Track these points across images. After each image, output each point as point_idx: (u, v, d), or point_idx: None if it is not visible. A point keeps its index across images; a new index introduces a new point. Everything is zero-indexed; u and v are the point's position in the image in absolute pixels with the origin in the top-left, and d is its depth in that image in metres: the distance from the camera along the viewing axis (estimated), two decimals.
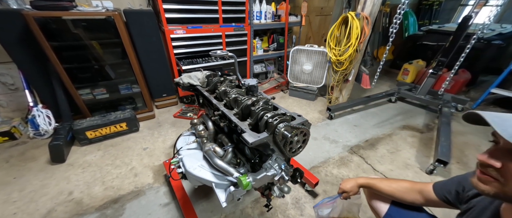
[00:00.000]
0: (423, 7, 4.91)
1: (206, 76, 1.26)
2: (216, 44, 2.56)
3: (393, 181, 0.91)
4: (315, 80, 2.81)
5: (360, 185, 0.97)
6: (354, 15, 2.07)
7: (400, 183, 0.88)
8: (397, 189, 0.87)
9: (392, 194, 0.88)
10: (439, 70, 2.43)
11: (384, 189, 0.90)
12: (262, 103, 0.90)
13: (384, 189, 0.90)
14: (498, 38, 2.97)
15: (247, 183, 0.78)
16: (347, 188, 0.98)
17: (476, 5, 2.04)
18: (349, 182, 0.99)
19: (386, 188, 0.89)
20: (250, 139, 0.74)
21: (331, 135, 2.21)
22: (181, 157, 1.04)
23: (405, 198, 0.85)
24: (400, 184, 0.88)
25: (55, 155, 1.72)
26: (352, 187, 0.97)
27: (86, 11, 1.72)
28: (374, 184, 0.93)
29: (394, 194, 0.87)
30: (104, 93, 2.17)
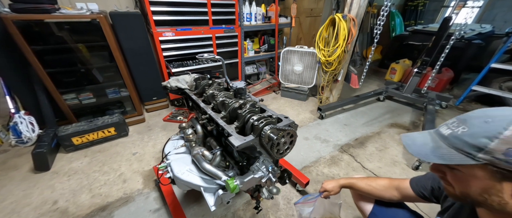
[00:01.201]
0: (409, 8, 5.08)
1: (195, 79, 1.25)
2: (206, 46, 2.55)
3: (372, 179, 0.94)
4: (306, 81, 2.85)
5: (341, 185, 0.99)
6: (341, 17, 2.11)
7: (378, 181, 0.91)
8: (375, 187, 0.90)
9: (371, 193, 0.91)
10: (423, 69, 2.52)
11: (364, 188, 0.93)
12: (249, 106, 0.91)
13: (364, 188, 0.93)
14: (478, 38, 3.12)
15: (235, 186, 0.78)
16: (329, 188, 1.00)
17: (455, 6, 2.13)
18: (331, 182, 1.01)
19: (366, 187, 0.92)
20: (236, 142, 0.74)
21: (322, 134, 2.24)
22: (169, 162, 1.02)
23: (383, 195, 0.88)
24: (378, 182, 0.91)
25: (38, 163, 1.66)
26: (333, 187, 0.99)
27: (69, 14, 1.68)
28: (354, 184, 0.96)
29: (373, 192, 0.90)
30: (90, 97, 2.11)
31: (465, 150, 0.43)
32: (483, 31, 3.32)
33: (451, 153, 0.44)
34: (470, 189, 0.46)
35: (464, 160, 0.42)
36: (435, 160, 0.46)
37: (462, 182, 0.47)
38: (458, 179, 0.48)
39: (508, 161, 0.39)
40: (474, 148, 0.42)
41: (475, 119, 0.44)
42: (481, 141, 0.41)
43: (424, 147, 0.49)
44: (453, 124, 0.47)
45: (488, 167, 0.41)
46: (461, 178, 0.47)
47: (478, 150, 0.41)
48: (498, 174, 0.41)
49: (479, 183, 0.44)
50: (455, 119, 0.48)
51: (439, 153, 0.46)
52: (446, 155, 0.45)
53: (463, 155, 0.43)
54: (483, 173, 0.42)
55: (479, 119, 0.43)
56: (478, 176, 0.43)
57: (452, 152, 0.44)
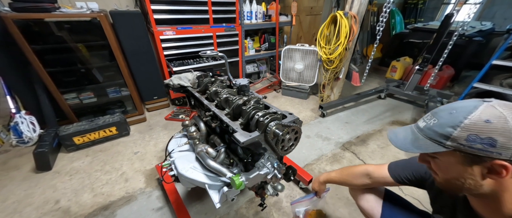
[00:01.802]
0: (409, 6, 5.08)
1: (197, 77, 1.24)
2: (207, 45, 2.54)
3: (345, 169, 0.99)
4: (307, 79, 2.84)
5: (322, 181, 1.03)
6: (342, 14, 2.11)
7: (350, 170, 0.96)
8: (348, 178, 0.95)
9: (345, 182, 0.97)
10: (425, 66, 2.52)
11: (339, 180, 0.98)
12: (253, 102, 0.90)
13: (339, 180, 0.98)
14: (478, 35, 3.11)
15: (240, 182, 0.78)
16: (316, 188, 1.05)
17: (456, 3, 2.13)
18: (314, 183, 1.07)
19: (340, 178, 0.98)
20: (241, 139, 0.74)
21: (324, 132, 2.24)
22: (173, 160, 1.02)
23: (355, 182, 0.93)
24: (350, 171, 0.96)
25: (40, 162, 1.65)
26: (318, 186, 1.04)
27: (69, 13, 1.67)
28: (331, 177, 1.01)
29: (346, 181, 0.96)
30: (91, 97, 2.11)
31: (436, 139, 0.48)
32: (484, 28, 3.32)
33: (427, 143, 0.50)
34: (449, 174, 0.51)
35: (437, 148, 0.48)
36: (414, 150, 0.52)
37: (442, 169, 0.52)
38: (439, 166, 0.53)
39: (471, 146, 0.44)
40: (442, 136, 0.47)
41: (443, 112, 0.50)
42: (447, 130, 0.46)
43: (405, 140, 0.54)
44: (427, 117, 0.53)
45: (456, 153, 0.46)
46: (441, 165, 0.52)
47: (446, 138, 0.46)
48: (466, 159, 0.46)
49: (454, 168, 0.49)
50: (429, 113, 0.54)
51: (417, 144, 0.51)
52: (423, 145, 0.50)
53: (436, 143, 0.48)
54: (454, 158, 0.48)
55: (445, 111, 0.49)
56: (452, 162, 0.49)
57: (427, 142, 0.50)
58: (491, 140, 0.42)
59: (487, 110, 0.43)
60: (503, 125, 0.41)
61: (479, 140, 0.43)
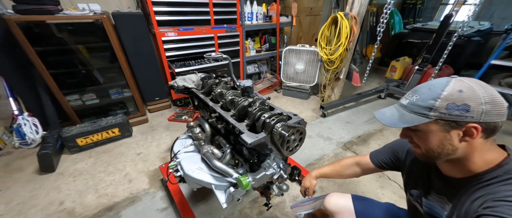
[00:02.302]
0: (408, 6, 5.11)
1: (201, 78, 1.25)
2: (208, 46, 2.55)
3: (336, 163, 1.05)
4: (308, 79, 2.86)
5: (315, 177, 1.07)
6: (343, 15, 2.13)
7: (341, 162, 1.03)
8: (339, 169, 1.01)
9: (338, 174, 1.02)
10: (424, 66, 2.54)
11: (331, 174, 1.04)
12: (259, 103, 0.91)
13: (331, 174, 1.04)
14: (477, 35, 3.15)
15: (247, 183, 0.79)
16: (307, 185, 1.06)
17: (456, 3, 2.16)
18: (306, 180, 1.07)
19: (332, 172, 1.03)
20: (248, 140, 0.75)
21: (325, 132, 2.26)
22: (179, 161, 1.03)
23: (346, 173, 1.01)
24: (341, 163, 1.02)
25: (44, 164, 1.65)
26: (310, 182, 1.06)
27: (72, 15, 1.67)
28: (324, 172, 1.05)
29: (338, 172, 1.02)
30: (93, 98, 2.11)
31: (420, 112, 0.55)
32: (482, 28, 3.35)
33: (412, 117, 0.56)
34: (431, 144, 0.57)
35: (422, 119, 0.54)
36: (402, 125, 0.58)
37: (425, 140, 0.58)
38: (421, 138, 0.59)
39: (450, 113, 0.51)
40: (426, 109, 0.54)
41: (422, 88, 0.57)
42: (429, 102, 0.53)
43: (392, 117, 0.61)
44: (409, 95, 0.60)
45: (438, 121, 0.53)
46: (423, 136, 0.58)
47: (429, 110, 0.53)
48: (446, 126, 0.53)
49: (436, 137, 0.55)
50: (409, 92, 0.60)
51: (404, 119, 0.58)
52: (409, 120, 0.56)
53: (420, 116, 0.55)
54: (437, 127, 0.54)
55: (425, 88, 0.56)
56: (434, 130, 0.55)
57: (412, 116, 0.56)
58: (465, 106, 0.50)
59: (458, 83, 0.52)
60: (472, 93, 0.50)
61: (456, 107, 0.51)
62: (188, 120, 2.38)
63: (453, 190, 0.62)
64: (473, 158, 0.56)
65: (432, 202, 0.69)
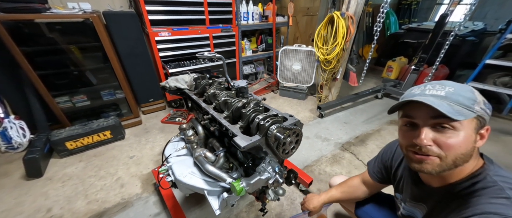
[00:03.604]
0: (403, 6, 5.14)
1: (194, 79, 1.21)
2: (203, 46, 2.51)
3: (344, 185, 0.94)
4: (305, 80, 2.84)
5: (323, 202, 0.95)
6: (339, 14, 2.11)
7: (348, 183, 0.93)
8: (349, 190, 0.92)
9: (349, 198, 0.92)
10: (421, 66, 2.54)
11: (342, 197, 0.93)
12: (253, 104, 0.88)
13: (342, 197, 0.93)
14: (471, 35, 3.17)
15: (241, 188, 0.75)
16: (311, 208, 0.94)
17: (451, 3, 2.16)
18: (312, 201, 0.95)
19: (343, 196, 0.93)
20: (242, 143, 0.71)
21: (323, 133, 2.23)
22: (170, 165, 0.98)
23: (357, 195, 0.90)
24: (349, 184, 0.93)
25: (31, 169, 1.58)
26: (314, 207, 0.94)
27: (60, 14, 1.61)
28: (333, 197, 0.94)
29: (349, 196, 0.92)
30: (84, 100, 2.04)
31: (466, 104, 0.46)
32: (476, 28, 3.38)
33: (461, 109, 0.45)
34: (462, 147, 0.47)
35: (469, 114, 0.45)
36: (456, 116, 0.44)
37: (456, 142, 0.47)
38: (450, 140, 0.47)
39: (485, 110, 0.47)
40: (470, 100, 0.46)
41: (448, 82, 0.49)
42: (470, 95, 0.46)
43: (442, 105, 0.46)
44: (436, 87, 0.49)
45: (475, 119, 0.47)
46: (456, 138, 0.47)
47: (474, 102, 0.46)
48: (478, 125, 0.47)
49: (470, 138, 0.47)
50: (432, 83, 0.51)
51: (456, 110, 0.45)
52: (460, 111, 0.45)
53: (467, 110, 0.45)
54: (474, 125, 0.47)
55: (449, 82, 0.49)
56: (471, 129, 0.47)
57: (460, 108, 0.46)
58: (489, 105, 0.47)
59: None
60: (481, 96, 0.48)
61: (488, 105, 0.47)
62: (182, 122, 2.32)
63: (429, 198, 0.60)
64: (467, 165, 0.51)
65: (411, 208, 0.68)
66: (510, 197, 0.45)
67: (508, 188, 0.46)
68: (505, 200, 0.45)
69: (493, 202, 0.46)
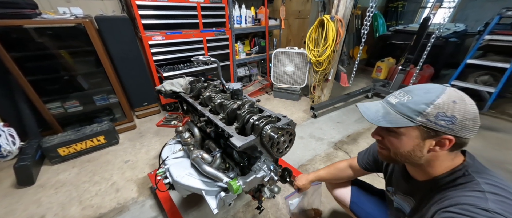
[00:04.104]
0: (390, 9, 5.36)
1: (190, 82, 1.24)
2: (197, 49, 2.53)
3: (332, 166, 1.06)
4: (298, 81, 2.90)
5: (311, 180, 1.09)
6: (329, 18, 2.18)
7: (336, 165, 1.04)
8: (334, 172, 1.03)
9: (334, 178, 1.04)
10: (407, 66, 2.66)
11: (328, 177, 1.05)
12: (248, 106, 0.91)
13: (328, 177, 1.05)
14: (453, 36, 3.34)
15: (238, 187, 0.78)
16: (300, 185, 1.08)
17: (433, 7, 2.28)
18: (301, 179, 1.10)
19: (328, 175, 1.04)
20: (237, 143, 0.74)
21: (316, 133, 2.29)
22: (168, 167, 1.00)
23: (342, 176, 1.03)
24: (336, 166, 1.04)
25: (22, 177, 1.55)
26: (304, 184, 1.07)
27: (52, 19, 1.60)
28: (319, 175, 1.06)
29: (334, 177, 1.03)
30: (77, 105, 2.02)
31: (407, 115, 0.53)
32: (458, 30, 3.57)
33: (397, 118, 0.54)
34: (402, 148, 0.57)
35: (406, 123, 0.53)
36: (385, 124, 0.56)
37: (397, 143, 0.57)
38: (393, 141, 0.58)
39: (436, 123, 0.50)
40: (414, 112, 0.52)
41: (418, 90, 0.54)
42: (421, 106, 0.51)
43: (376, 114, 0.58)
44: (400, 94, 0.57)
45: (420, 128, 0.52)
46: (397, 139, 0.57)
47: (418, 114, 0.52)
48: (425, 134, 0.53)
49: (410, 142, 0.55)
50: (400, 91, 0.58)
51: (389, 118, 0.55)
52: (394, 119, 0.55)
53: (406, 118, 0.53)
54: (416, 133, 0.54)
55: (421, 90, 0.54)
56: (412, 136, 0.54)
57: (398, 116, 0.54)
58: (453, 118, 0.49)
59: (453, 93, 0.51)
60: (463, 106, 0.49)
61: (445, 117, 0.49)
62: (178, 125, 2.33)
63: (416, 191, 0.65)
64: (434, 165, 0.58)
65: (401, 201, 0.73)
66: (484, 191, 0.49)
67: (484, 183, 0.51)
68: (479, 193, 0.50)
69: (468, 194, 0.51)
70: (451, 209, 0.50)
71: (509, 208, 0.46)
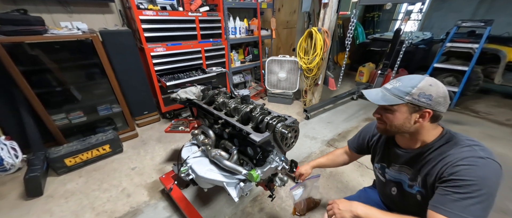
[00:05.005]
0: (367, 18, 5.89)
1: (202, 90, 1.39)
2: (196, 59, 2.67)
3: (330, 153, 1.25)
4: (290, 86, 3.14)
5: (312, 167, 1.24)
6: (317, 30, 2.46)
7: (333, 152, 1.24)
8: (332, 158, 1.22)
9: (331, 163, 1.23)
10: (385, 70, 3.01)
11: (326, 163, 1.23)
12: (259, 109, 1.09)
13: (326, 163, 1.23)
14: (422, 43, 3.81)
15: (257, 175, 0.94)
16: (302, 171, 1.23)
17: (402, 20, 2.65)
18: (303, 166, 1.25)
19: (327, 161, 1.23)
20: (257, 138, 0.91)
21: (310, 132, 2.51)
22: (190, 165, 1.14)
23: (338, 161, 1.20)
24: (334, 153, 1.24)
25: (32, 188, 1.57)
26: (306, 170, 1.24)
27: (61, 35, 1.68)
28: (320, 162, 1.25)
29: (332, 162, 1.22)
30: (81, 116, 2.06)
31: (399, 95, 0.72)
32: (425, 37, 4.06)
33: (391, 98, 0.74)
34: (396, 121, 0.75)
35: (398, 101, 0.72)
36: (382, 102, 0.75)
37: (392, 117, 0.76)
38: (389, 116, 0.77)
39: (419, 100, 0.69)
40: (403, 93, 0.71)
41: (405, 78, 0.75)
42: (408, 89, 0.71)
43: (376, 96, 0.77)
44: (393, 82, 0.78)
45: (408, 104, 0.71)
46: (392, 114, 0.76)
47: (406, 94, 0.71)
48: (412, 109, 0.72)
49: (402, 116, 0.74)
50: (394, 79, 0.78)
51: (385, 98, 0.75)
52: (389, 99, 0.74)
53: (397, 98, 0.72)
54: (405, 108, 0.72)
55: (407, 78, 0.74)
56: (402, 111, 0.73)
57: (392, 97, 0.74)
58: (430, 96, 0.69)
59: (429, 80, 0.71)
60: (436, 88, 0.69)
61: (424, 96, 0.69)
62: (185, 130, 2.43)
63: (413, 158, 0.81)
64: (422, 133, 0.76)
65: (395, 171, 0.90)
66: (470, 145, 0.69)
67: (466, 140, 0.72)
68: (468, 148, 0.68)
69: (462, 150, 0.68)
70: (459, 163, 0.66)
71: (487, 150, 0.67)
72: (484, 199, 0.61)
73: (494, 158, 0.65)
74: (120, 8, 2.32)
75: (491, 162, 0.65)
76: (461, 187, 0.63)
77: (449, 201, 0.64)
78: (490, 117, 2.86)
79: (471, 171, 0.63)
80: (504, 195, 1.56)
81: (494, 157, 0.66)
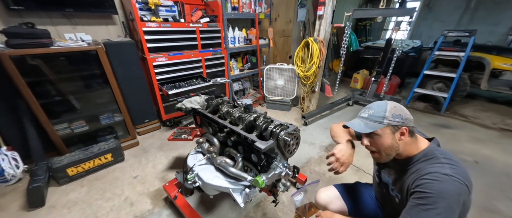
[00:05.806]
0: (360, 27, 6.14)
1: (206, 99, 1.45)
2: (196, 68, 2.74)
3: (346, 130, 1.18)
4: (288, 93, 3.23)
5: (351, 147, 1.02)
6: (313, 40, 2.58)
7: None
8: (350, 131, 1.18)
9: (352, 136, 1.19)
10: (378, 77, 3.14)
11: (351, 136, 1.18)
12: (263, 117, 1.16)
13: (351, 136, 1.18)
14: (412, 51, 3.99)
15: (262, 181, 1.00)
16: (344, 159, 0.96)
17: (393, 30, 2.81)
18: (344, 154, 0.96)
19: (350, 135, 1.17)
20: (262, 146, 0.97)
21: (308, 138, 2.58)
22: (196, 172, 1.18)
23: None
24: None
25: (34, 198, 1.57)
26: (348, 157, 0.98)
27: (68, 47, 1.73)
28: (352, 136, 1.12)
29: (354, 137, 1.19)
30: (83, 125, 2.08)
31: (378, 121, 0.80)
32: (415, 45, 4.27)
33: (374, 124, 0.80)
34: (385, 143, 0.80)
35: (380, 126, 0.79)
36: (368, 130, 0.80)
37: (381, 142, 0.81)
38: (377, 141, 0.81)
39: (394, 120, 0.78)
40: (380, 117, 0.79)
41: (373, 106, 0.83)
42: (382, 113, 0.80)
43: (360, 126, 0.83)
44: (365, 111, 0.85)
45: (389, 126, 0.78)
46: (379, 139, 0.81)
47: (383, 118, 0.79)
48: (393, 129, 0.79)
49: (388, 137, 0.80)
50: (364, 108, 0.86)
51: (369, 126, 0.81)
52: (372, 126, 0.80)
53: (378, 123, 0.79)
54: (388, 130, 0.79)
55: (375, 105, 0.83)
56: (387, 133, 0.79)
57: (373, 123, 0.80)
58: (400, 116, 0.78)
59: (391, 103, 0.81)
60: (400, 109, 0.79)
61: (397, 116, 0.78)
62: (188, 138, 2.47)
63: (398, 167, 0.89)
64: (406, 149, 0.83)
65: (386, 174, 0.98)
66: (442, 163, 0.74)
67: (442, 158, 0.76)
68: (439, 164, 0.74)
69: (433, 165, 0.74)
70: (424, 176, 0.73)
71: (458, 171, 0.71)
72: (441, 212, 0.66)
73: (461, 179, 0.69)
74: (123, 19, 2.39)
75: (455, 180, 0.68)
76: (422, 199, 0.70)
77: (414, 212, 0.71)
78: (477, 121, 3.00)
79: (432, 185, 0.69)
80: (492, 196, 1.65)
81: (461, 178, 0.69)
